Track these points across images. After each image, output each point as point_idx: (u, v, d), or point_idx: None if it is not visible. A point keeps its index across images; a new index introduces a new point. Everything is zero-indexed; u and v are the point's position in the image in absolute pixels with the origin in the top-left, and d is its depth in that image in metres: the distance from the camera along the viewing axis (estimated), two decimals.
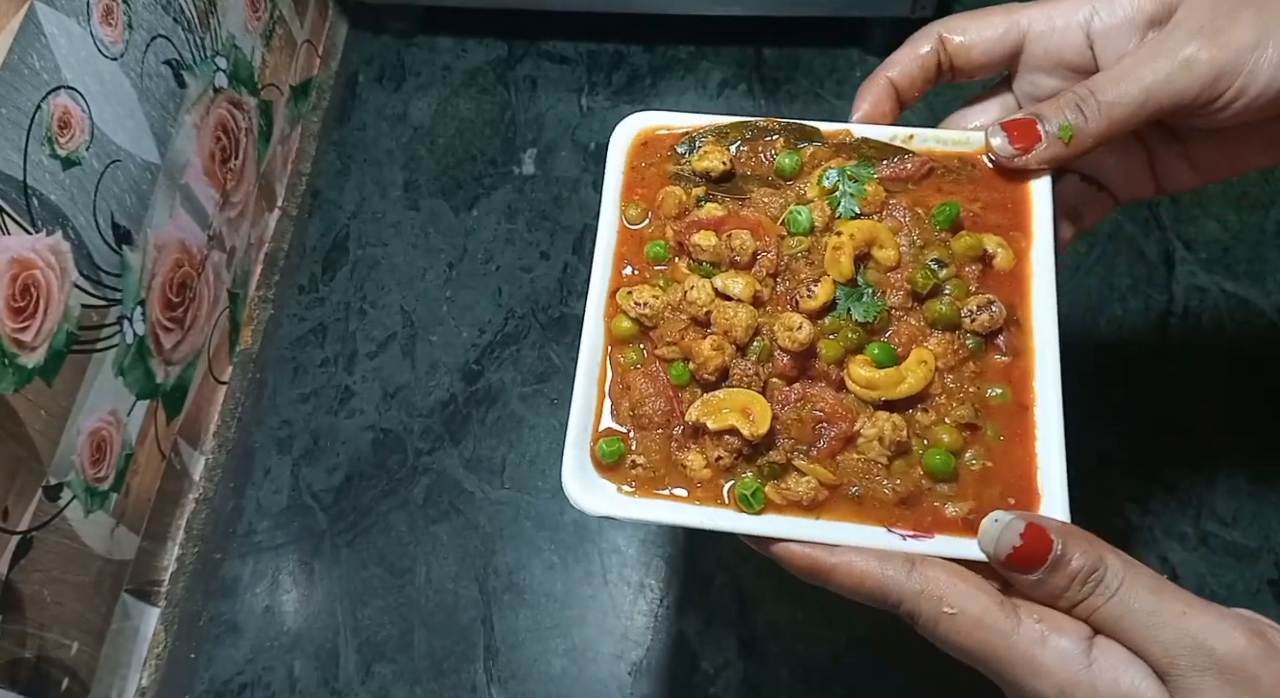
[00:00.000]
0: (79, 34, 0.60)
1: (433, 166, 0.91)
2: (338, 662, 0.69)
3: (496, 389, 0.79)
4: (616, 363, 0.42)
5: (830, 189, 0.43)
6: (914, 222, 0.42)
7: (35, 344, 0.56)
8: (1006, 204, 0.43)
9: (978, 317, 0.40)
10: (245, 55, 0.82)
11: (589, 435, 0.41)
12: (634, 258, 0.44)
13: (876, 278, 0.41)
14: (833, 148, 0.44)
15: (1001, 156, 0.42)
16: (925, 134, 0.44)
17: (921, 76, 0.45)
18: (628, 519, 0.40)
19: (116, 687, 0.67)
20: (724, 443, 0.39)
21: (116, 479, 0.65)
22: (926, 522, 0.38)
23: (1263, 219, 0.82)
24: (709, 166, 0.44)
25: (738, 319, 0.40)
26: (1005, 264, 0.42)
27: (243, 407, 0.81)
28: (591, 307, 0.43)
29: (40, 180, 0.57)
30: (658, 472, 0.40)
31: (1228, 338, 0.77)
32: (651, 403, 0.41)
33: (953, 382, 0.40)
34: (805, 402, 0.40)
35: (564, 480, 0.40)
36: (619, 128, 0.46)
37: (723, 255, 0.42)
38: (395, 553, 0.73)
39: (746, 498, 0.39)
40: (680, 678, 0.67)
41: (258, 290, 0.86)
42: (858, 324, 0.40)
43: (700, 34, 0.96)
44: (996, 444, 0.39)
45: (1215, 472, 0.71)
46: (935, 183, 0.44)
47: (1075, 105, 0.40)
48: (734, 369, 0.40)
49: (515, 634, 0.69)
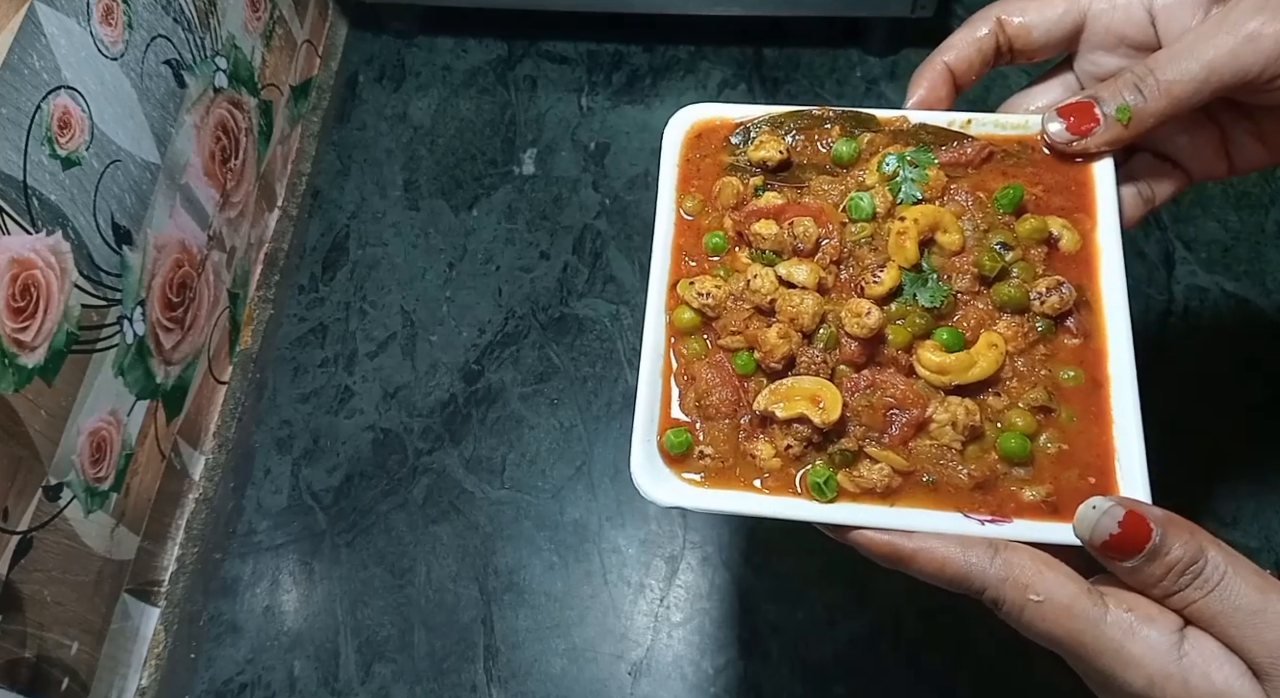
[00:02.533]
0: (79, 34, 0.60)
1: (433, 167, 0.91)
2: (338, 662, 0.69)
3: (496, 389, 0.79)
4: (680, 354, 0.42)
5: (890, 175, 0.42)
6: (976, 206, 0.42)
7: (35, 344, 0.56)
8: (1069, 186, 0.42)
9: (1047, 299, 0.40)
10: (245, 55, 0.82)
11: (655, 427, 0.40)
12: (692, 250, 0.44)
13: (941, 263, 0.41)
14: (890, 134, 0.44)
15: (1058, 143, 0.42)
16: (984, 118, 0.44)
17: (979, 60, 0.44)
18: (699, 510, 0.39)
19: (116, 687, 0.67)
20: (793, 431, 0.39)
21: (116, 479, 0.65)
22: (1004, 506, 0.38)
23: (1263, 219, 0.82)
24: (766, 156, 0.44)
25: (804, 306, 0.39)
26: (1071, 246, 0.41)
27: (243, 407, 0.81)
28: (653, 299, 0.42)
29: (40, 180, 0.57)
30: (726, 462, 0.40)
31: (1228, 338, 0.77)
32: (718, 393, 0.40)
33: (1024, 365, 0.40)
34: (875, 388, 0.39)
35: (633, 473, 0.39)
36: (672, 120, 0.46)
37: (785, 243, 0.42)
38: (395, 553, 0.73)
39: (820, 486, 0.38)
40: (680, 678, 0.67)
41: (258, 290, 0.86)
42: (925, 309, 0.40)
43: (700, 34, 0.96)
44: (1071, 426, 0.39)
45: (1215, 472, 0.71)
46: (996, 167, 0.43)
47: (1134, 85, 0.40)
48: (801, 357, 0.40)
49: (515, 634, 0.69)
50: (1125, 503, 0.34)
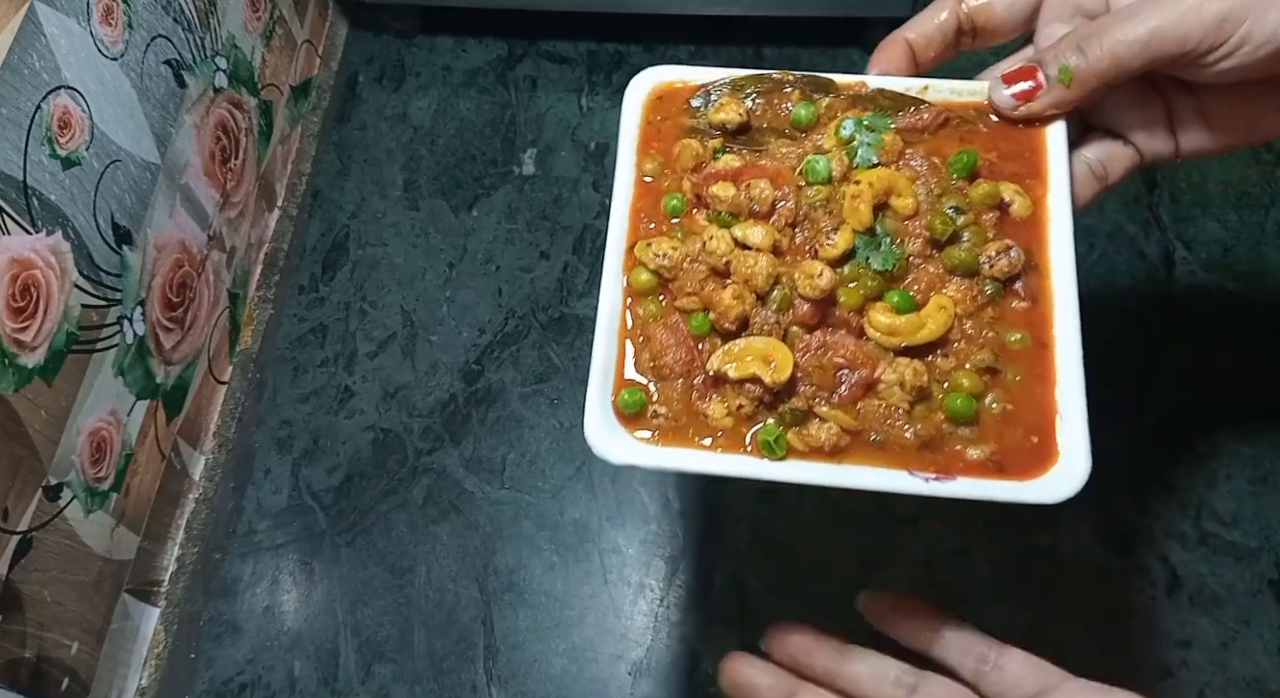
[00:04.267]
0: (79, 34, 0.60)
1: (433, 166, 0.91)
2: (338, 662, 0.69)
3: (496, 389, 0.79)
4: (636, 315, 0.42)
5: (847, 139, 0.43)
6: (931, 171, 0.43)
7: (35, 344, 0.56)
8: (1023, 153, 0.43)
9: (996, 262, 0.40)
10: (245, 55, 0.82)
11: (610, 386, 0.41)
12: (651, 212, 0.44)
13: (895, 226, 0.42)
14: (848, 99, 0.45)
15: (1004, 108, 0.43)
16: (940, 85, 0.45)
17: (940, 39, 0.45)
18: (651, 468, 0.40)
19: (116, 687, 0.67)
20: (745, 391, 0.40)
21: (116, 479, 0.66)
22: (950, 465, 0.39)
23: (1263, 219, 0.82)
24: (725, 119, 0.44)
25: (758, 268, 0.40)
26: (1022, 211, 0.42)
27: (243, 407, 0.81)
28: (610, 260, 0.43)
29: (40, 180, 0.57)
30: (679, 421, 0.41)
31: (1228, 338, 0.77)
32: (672, 353, 0.41)
33: (972, 327, 0.41)
34: (826, 349, 0.40)
35: (586, 430, 0.40)
36: (633, 82, 0.46)
37: (741, 206, 0.42)
38: (395, 553, 0.73)
39: (769, 444, 0.39)
40: (680, 678, 0.67)
41: (258, 290, 0.86)
42: (877, 272, 0.41)
43: (700, 34, 0.96)
44: (1017, 387, 0.40)
45: (1215, 472, 0.71)
46: (952, 133, 0.44)
47: (1076, 45, 0.41)
48: (754, 318, 0.40)
49: (515, 634, 0.69)
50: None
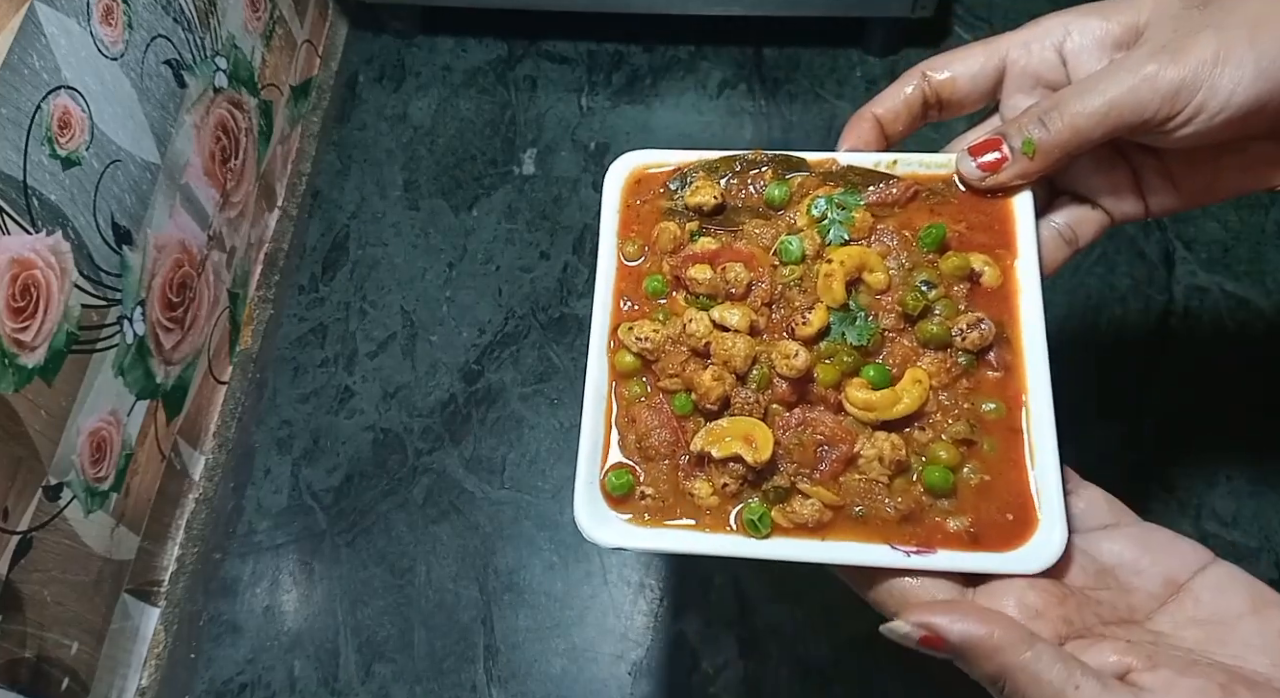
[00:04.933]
0: (79, 34, 0.60)
1: (433, 166, 0.91)
2: (338, 662, 0.69)
3: (496, 389, 0.79)
4: (621, 397, 0.43)
5: (819, 217, 0.44)
6: (902, 245, 0.44)
7: (35, 344, 0.56)
8: (992, 224, 0.44)
9: (968, 335, 0.41)
10: (245, 55, 0.82)
11: (598, 469, 0.42)
12: (633, 293, 0.45)
13: (868, 302, 0.42)
14: (820, 177, 0.46)
15: (971, 179, 0.44)
16: (909, 158, 0.45)
17: (907, 113, 0.46)
18: (640, 550, 0.41)
19: (116, 687, 0.67)
20: (729, 470, 0.40)
21: (116, 479, 0.66)
22: (930, 537, 0.39)
23: (1263, 219, 0.82)
24: (701, 201, 0.45)
25: (736, 349, 0.41)
26: (992, 281, 0.43)
27: (243, 407, 0.81)
28: (595, 343, 0.44)
29: (40, 180, 0.57)
30: (667, 501, 0.41)
31: (1228, 338, 0.77)
32: (657, 435, 0.42)
33: (947, 399, 0.41)
34: (806, 426, 0.41)
35: (576, 515, 0.40)
36: (612, 167, 0.47)
37: (718, 287, 0.43)
38: (395, 553, 0.73)
39: (754, 523, 0.40)
40: (680, 678, 0.67)
41: (258, 290, 0.86)
42: (852, 348, 0.41)
43: (700, 34, 0.96)
44: (993, 457, 0.40)
45: (1215, 472, 0.71)
46: (922, 205, 0.45)
47: (1038, 118, 0.42)
48: (735, 398, 0.41)
49: (515, 634, 0.69)
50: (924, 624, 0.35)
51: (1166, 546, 0.38)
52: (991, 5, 0.96)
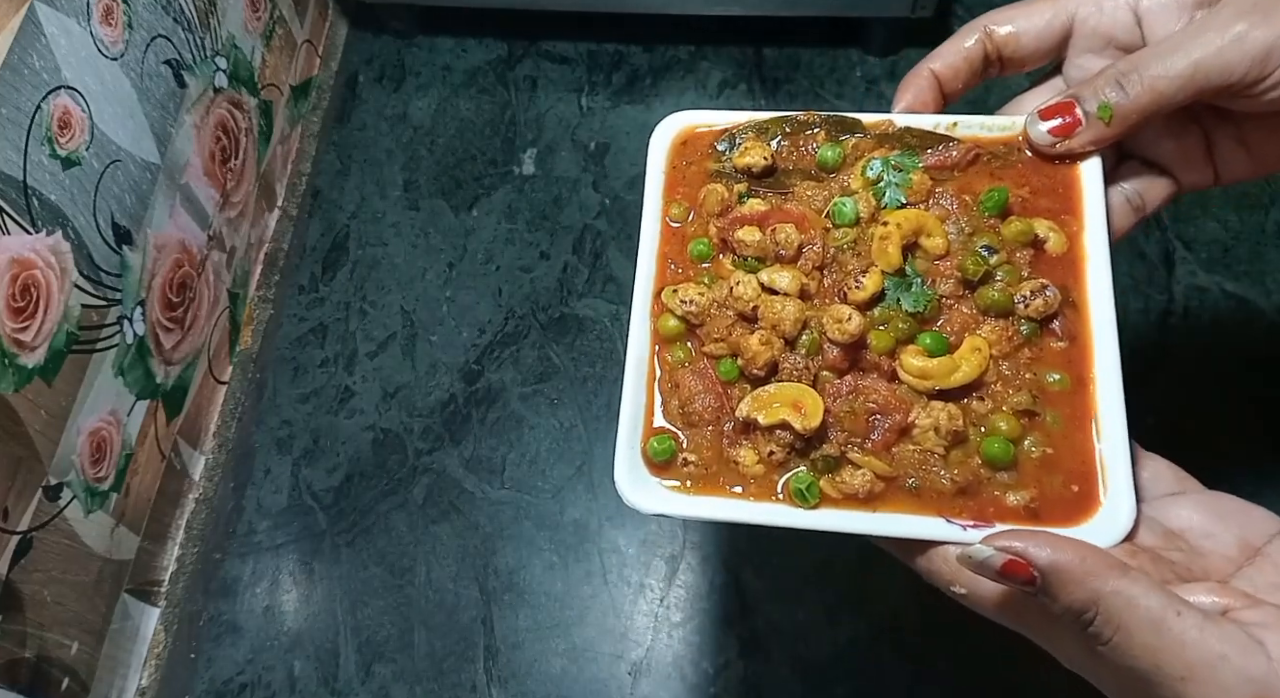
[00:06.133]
0: (79, 34, 0.60)
1: (433, 166, 0.91)
2: (338, 662, 0.69)
3: (496, 389, 0.79)
4: (664, 362, 0.42)
5: (875, 180, 0.42)
6: (961, 209, 0.42)
7: (35, 344, 0.56)
8: (1056, 188, 0.42)
9: (1031, 302, 0.39)
10: (245, 55, 0.82)
11: (639, 435, 0.40)
12: (678, 257, 0.43)
13: (925, 267, 0.41)
14: (875, 139, 0.44)
15: (1041, 145, 0.42)
16: (970, 121, 0.43)
17: (967, 69, 0.44)
18: (682, 517, 0.39)
19: (116, 687, 0.67)
20: (776, 438, 0.39)
21: (116, 479, 0.65)
22: (987, 511, 0.38)
23: (1263, 219, 0.82)
24: (751, 162, 0.44)
25: (785, 313, 0.39)
26: (1058, 248, 0.41)
27: (243, 407, 0.81)
28: (638, 306, 0.42)
29: (40, 180, 0.57)
30: (710, 469, 0.40)
31: (1228, 338, 0.77)
32: (701, 400, 0.40)
33: (1008, 369, 0.40)
34: (857, 394, 0.39)
35: (616, 480, 0.39)
36: (659, 127, 0.46)
37: (768, 250, 0.41)
38: (395, 553, 0.73)
39: (801, 492, 0.38)
40: (680, 678, 0.67)
41: (258, 290, 0.86)
42: (908, 314, 0.40)
43: (700, 34, 0.96)
44: (1057, 430, 0.39)
45: (1215, 472, 0.71)
46: (982, 169, 0.43)
47: (1115, 81, 0.39)
48: (783, 364, 0.40)
49: (515, 634, 0.69)
50: (1011, 549, 0.32)
51: (1238, 512, 0.36)
52: (991, 5, 0.96)
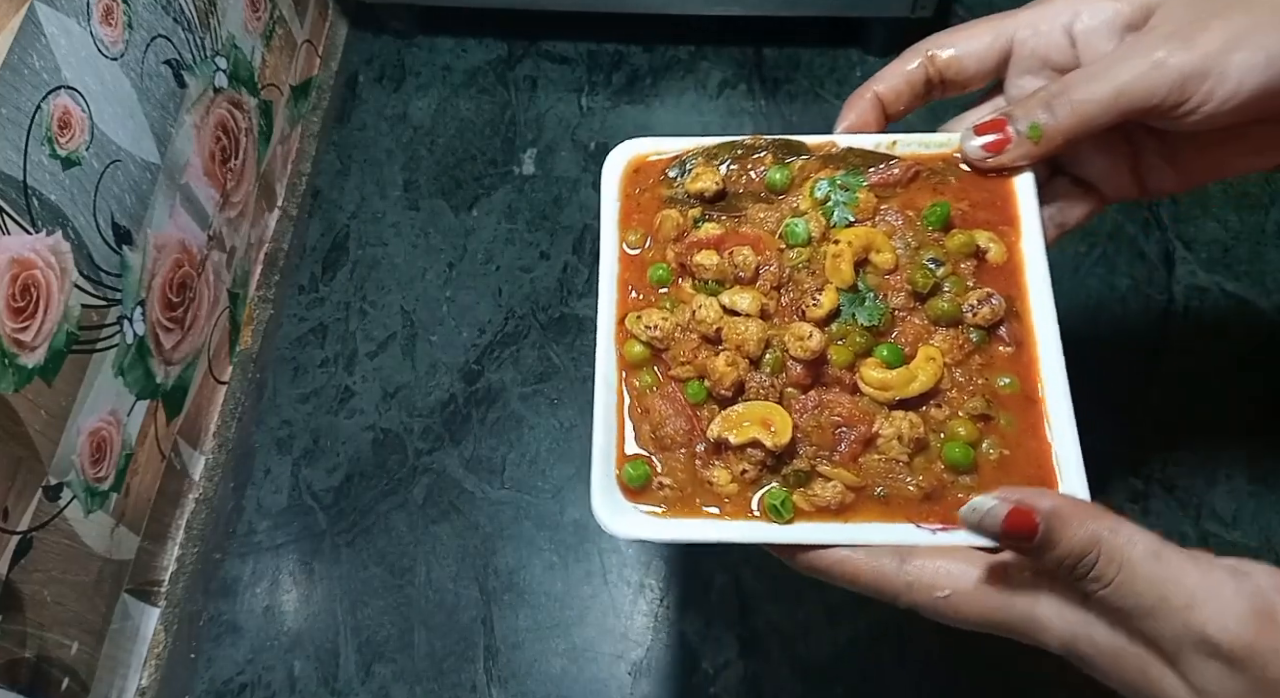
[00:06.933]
0: (79, 34, 0.60)
1: (433, 166, 0.91)
2: (338, 662, 0.69)
3: (496, 389, 0.79)
4: (632, 387, 0.43)
5: (823, 200, 0.44)
6: (907, 224, 0.44)
7: (35, 344, 0.56)
8: (994, 201, 0.44)
9: (979, 310, 0.41)
10: (245, 55, 0.82)
11: (613, 461, 0.41)
12: (638, 283, 0.44)
13: (876, 282, 0.42)
14: (820, 160, 0.46)
15: (974, 159, 0.44)
16: (909, 139, 0.45)
17: (909, 92, 0.46)
18: (661, 541, 0.40)
19: (116, 687, 0.67)
20: (748, 456, 0.40)
21: (116, 479, 0.66)
22: (952, 514, 0.39)
23: (1263, 219, 0.82)
24: (702, 187, 0.45)
25: (749, 334, 0.40)
26: (998, 258, 0.43)
27: (243, 407, 0.81)
28: (602, 335, 0.43)
29: (40, 180, 0.57)
30: (685, 491, 0.41)
31: (1228, 338, 0.77)
32: (672, 423, 0.41)
33: (961, 376, 0.41)
34: (823, 408, 0.40)
35: (594, 508, 0.40)
36: (610, 157, 0.47)
37: (726, 272, 0.43)
38: (395, 553, 0.73)
39: (776, 508, 0.39)
40: (680, 678, 0.67)
41: (258, 290, 0.86)
42: (864, 328, 0.41)
43: (700, 34, 0.96)
44: (1011, 432, 0.40)
45: (1215, 472, 0.71)
46: (924, 185, 0.45)
47: (1046, 103, 0.42)
48: (749, 383, 0.41)
49: (515, 634, 0.69)
50: (1011, 499, 0.34)
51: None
52: (992, 5, 0.96)
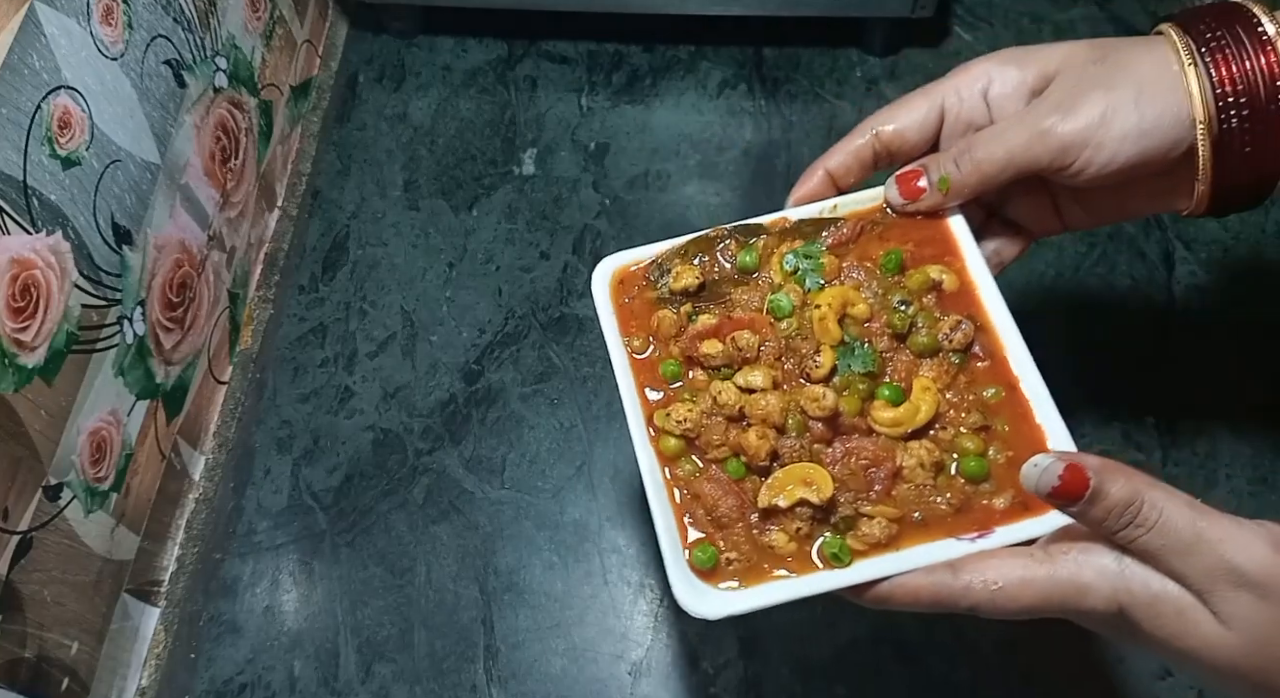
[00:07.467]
0: (79, 34, 0.60)
1: (433, 166, 0.91)
2: (338, 662, 0.69)
3: (496, 389, 0.79)
4: (678, 479, 0.46)
5: (793, 271, 0.49)
6: (869, 275, 0.49)
7: (35, 344, 0.56)
8: (935, 238, 0.50)
9: (953, 337, 0.46)
10: (245, 55, 0.82)
11: (680, 551, 0.44)
12: (652, 382, 0.49)
13: (859, 331, 0.47)
14: (778, 235, 0.50)
15: (895, 204, 0.50)
16: (846, 200, 0.51)
17: (858, 166, 0.51)
18: (748, 611, 0.43)
19: (116, 687, 0.67)
20: (798, 514, 0.44)
21: (116, 479, 0.66)
22: (985, 521, 0.43)
23: (1263, 219, 0.82)
24: (686, 284, 0.50)
25: (771, 407, 0.45)
26: (952, 286, 0.48)
27: (243, 407, 0.81)
28: (637, 438, 0.47)
29: (40, 180, 0.57)
30: (752, 560, 0.44)
31: (1228, 338, 0.77)
32: (724, 503, 0.45)
33: (954, 397, 0.46)
34: (850, 455, 0.45)
35: (679, 599, 0.43)
36: (595, 275, 0.51)
37: (732, 356, 0.47)
38: (395, 553, 0.73)
39: (836, 555, 0.43)
40: (680, 678, 0.67)
41: (258, 290, 0.86)
42: (862, 375, 0.46)
43: (700, 34, 0.96)
44: (1009, 434, 0.45)
45: (1215, 472, 0.71)
46: (871, 237, 0.50)
47: (954, 159, 0.47)
48: (781, 449, 0.45)
49: (515, 634, 0.69)
50: (1064, 457, 0.37)
51: None
52: (991, 5, 0.96)
